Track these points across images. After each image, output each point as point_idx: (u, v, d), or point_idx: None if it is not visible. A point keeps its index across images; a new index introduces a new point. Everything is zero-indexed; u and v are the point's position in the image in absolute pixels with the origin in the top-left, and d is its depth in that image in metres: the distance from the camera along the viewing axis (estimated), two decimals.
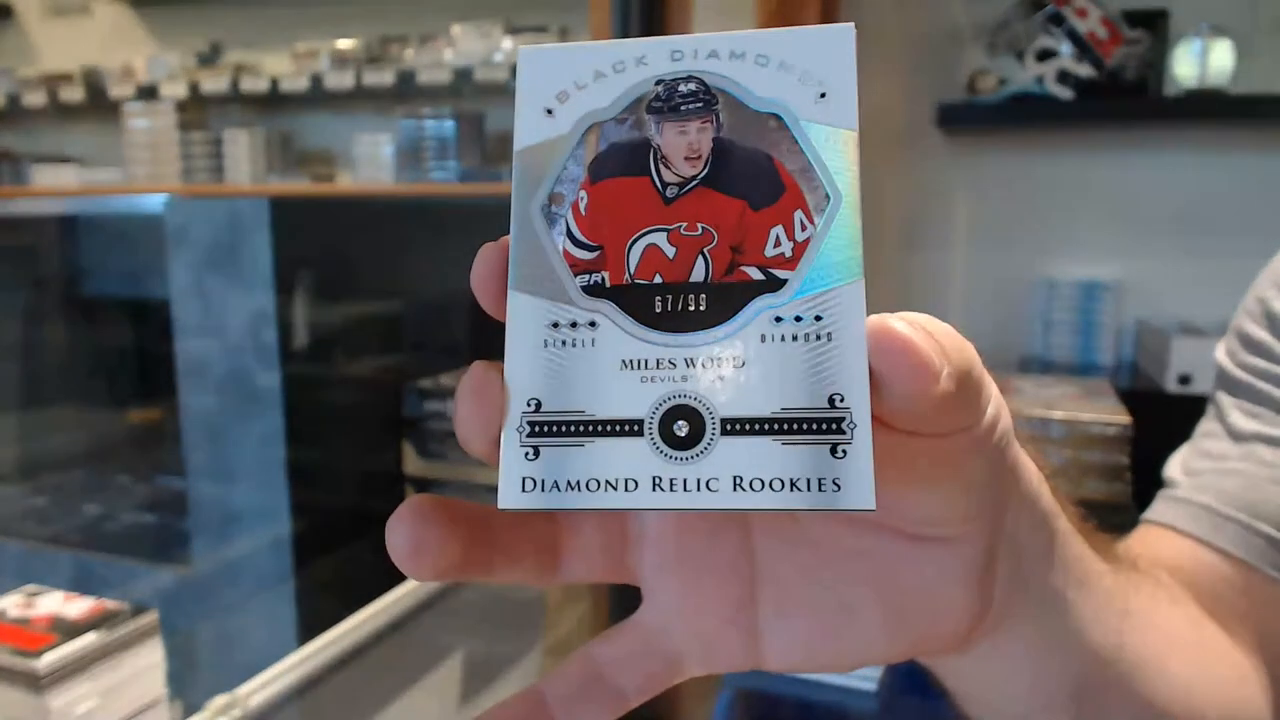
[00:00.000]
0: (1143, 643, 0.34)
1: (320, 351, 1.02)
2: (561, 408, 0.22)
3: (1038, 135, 2.20)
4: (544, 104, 0.24)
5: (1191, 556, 0.45)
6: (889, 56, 2.32)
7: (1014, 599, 0.28)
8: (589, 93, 0.24)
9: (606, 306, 0.22)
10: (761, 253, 0.23)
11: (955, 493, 0.24)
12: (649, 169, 0.23)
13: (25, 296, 1.51)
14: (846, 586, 0.26)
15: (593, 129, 0.23)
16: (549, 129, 0.23)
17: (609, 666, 0.26)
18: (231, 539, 1.00)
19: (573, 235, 0.23)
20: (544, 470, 0.21)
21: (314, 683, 0.76)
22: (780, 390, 0.22)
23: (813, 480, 0.21)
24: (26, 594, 0.66)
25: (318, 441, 1.02)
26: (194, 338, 0.99)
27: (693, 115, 0.23)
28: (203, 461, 1.00)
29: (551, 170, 0.23)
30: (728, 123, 0.23)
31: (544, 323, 0.22)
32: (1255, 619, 0.43)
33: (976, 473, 0.24)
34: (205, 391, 0.99)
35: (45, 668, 0.58)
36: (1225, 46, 1.89)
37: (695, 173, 0.23)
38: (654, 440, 0.21)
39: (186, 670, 0.79)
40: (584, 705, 0.26)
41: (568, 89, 0.24)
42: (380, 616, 0.87)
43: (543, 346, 0.22)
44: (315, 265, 1.00)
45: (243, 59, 3.25)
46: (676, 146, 0.23)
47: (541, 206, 0.23)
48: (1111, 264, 2.16)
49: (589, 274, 0.23)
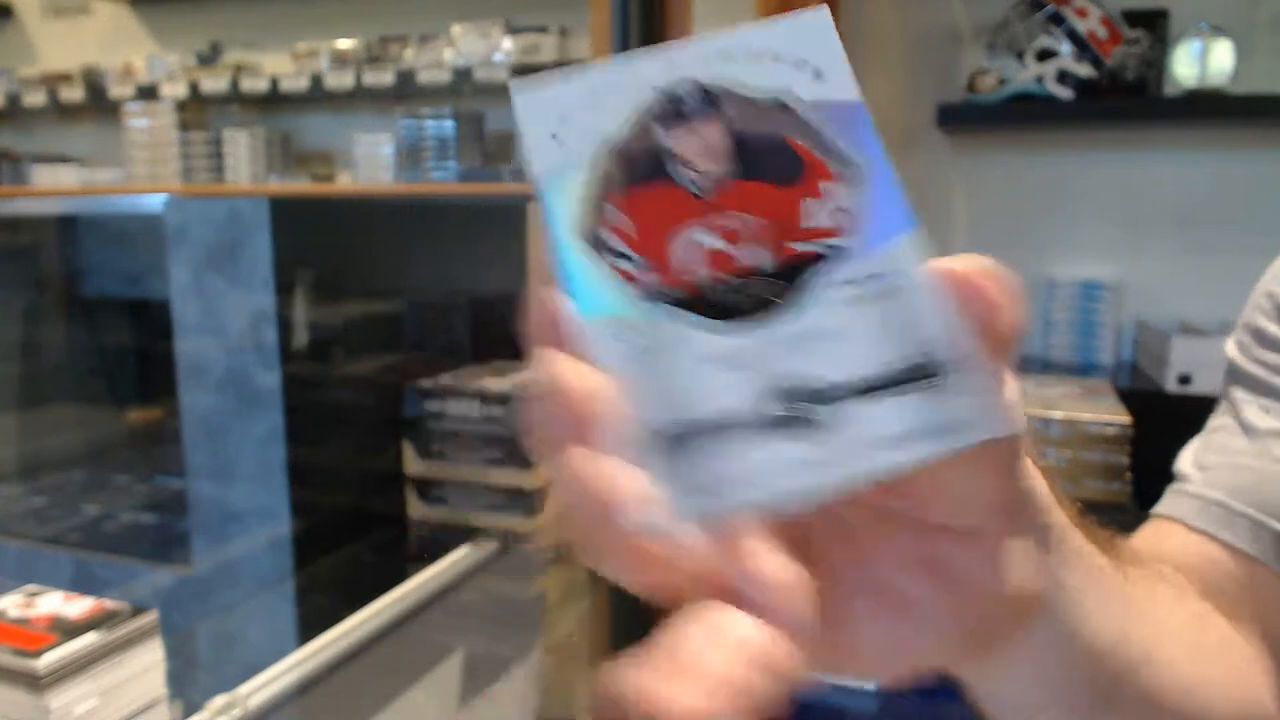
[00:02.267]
0: (1146, 635, 0.34)
1: (320, 351, 1.02)
2: (674, 417, 0.22)
3: (1037, 135, 2.20)
4: (549, 131, 0.24)
5: (1200, 551, 0.45)
6: (889, 56, 2.32)
7: None
8: (591, 114, 0.24)
9: (675, 311, 0.23)
10: (802, 226, 0.23)
11: (983, 487, 0.25)
12: (672, 173, 0.23)
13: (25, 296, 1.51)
14: (917, 588, 0.26)
15: (604, 147, 0.24)
16: (560, 156, 0.24)
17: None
18: (231, 539, 1.00)
19: (620, 252, 0.23)
20: (696, 482, 0.21)
21: (314, 682, 0.77)
22: (875, 350, 0.22)
23: (937, 426, 0.22)
24: (26, 594, 0.66)
25: (318, 441, 1.02)
26: (194, 337, 0.99)
27: (699, 115, 0.24)
28: (203, 461, 1.00)
29: (577, 195, 0.23)
30: (736, 116, 0.24)
31: (624, 341, 0.22)
32: (1262, 614, 0.43)
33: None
34: (205, 391, 0.99)
35: (45, 667, 0.58)
36: (1225, 46, 1.89)
37: (719, 168, 0.24)
38: (773, 427, 0.22)
39: (186, 670, 0.79)
40: None
41: (569, 114, 0.24)
42: (380, 616, 0.87)
43: (631, 362, 0.22)
44: (315, 265, 1.00)
45: (242, 59, 3.25)
46: (692, 147, 0.24)
47: (581, 233, 0.23)
48: (1111, 264, 2.16)
49: (647, 283, 0.23)
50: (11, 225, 1.48)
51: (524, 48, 2.85)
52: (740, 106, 0.24)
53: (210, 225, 0.96)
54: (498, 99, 2.97)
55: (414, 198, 2.71)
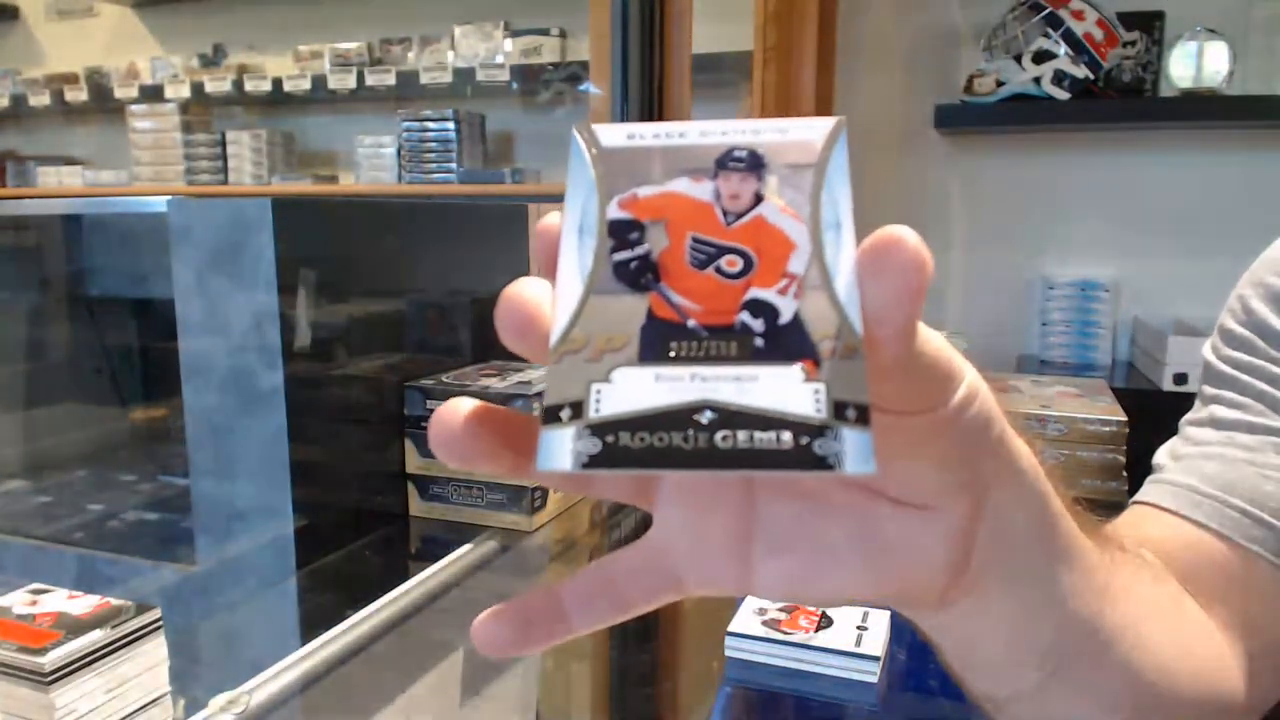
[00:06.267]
0: (1122, 615, 0.37)
1: (323, 350, 1.03)
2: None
3: (1035, 136, 2.21)
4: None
5: (1173, 532, 0.49)
6: (888, 58, 2.33)
7: (995, 567, 0.30)
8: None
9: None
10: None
11: (928, 469, 0.27)
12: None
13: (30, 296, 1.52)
14: (832, 534, 0.29)
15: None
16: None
17: (619, 576, 0.30)
18: (234, 537, 1.01)
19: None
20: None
21: (316, 679, 0.77)
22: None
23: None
24: (31, 591, 0.66)
25: (320, 440, 1.02)
26: (197, 337, 0.99)
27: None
28: (206, 460, 1.01)
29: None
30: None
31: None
32: (1229, 590, 0.46)
33: (948, 451, 0.27)
34: (209, 390, 0.99)
35: (50, 664, 0.58)
36: (1220, 48, 1.89)
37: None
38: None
39: (190, 667, 0.79)
40: (594, 604, 0.30)
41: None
42: (382, 614, 0.88)
43: None
44: (318, 265, 1.01)
45: (246, 60, 3.26)
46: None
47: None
48: (1108, 264, 2.17)
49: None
50: (16, 225, 1.49)
51: (525, 49, 2.85)
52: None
53: (213, 226, 0.97)
54: (499, 100, 2.98)
55: (416, 198, 2.72)
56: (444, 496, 1.12)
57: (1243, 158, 2.05)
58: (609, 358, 0.23)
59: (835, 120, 0.26)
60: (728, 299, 0.24)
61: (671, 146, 0.26)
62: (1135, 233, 2.16)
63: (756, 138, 0.26)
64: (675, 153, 0.26)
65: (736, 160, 0.25)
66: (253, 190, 3.09)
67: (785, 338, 0.23)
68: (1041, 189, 2.23)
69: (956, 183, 2.31)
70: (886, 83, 2.34)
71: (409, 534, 1.13)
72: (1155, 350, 1.87)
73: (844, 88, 2.33)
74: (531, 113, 3.00)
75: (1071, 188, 2.20)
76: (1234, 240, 2.04)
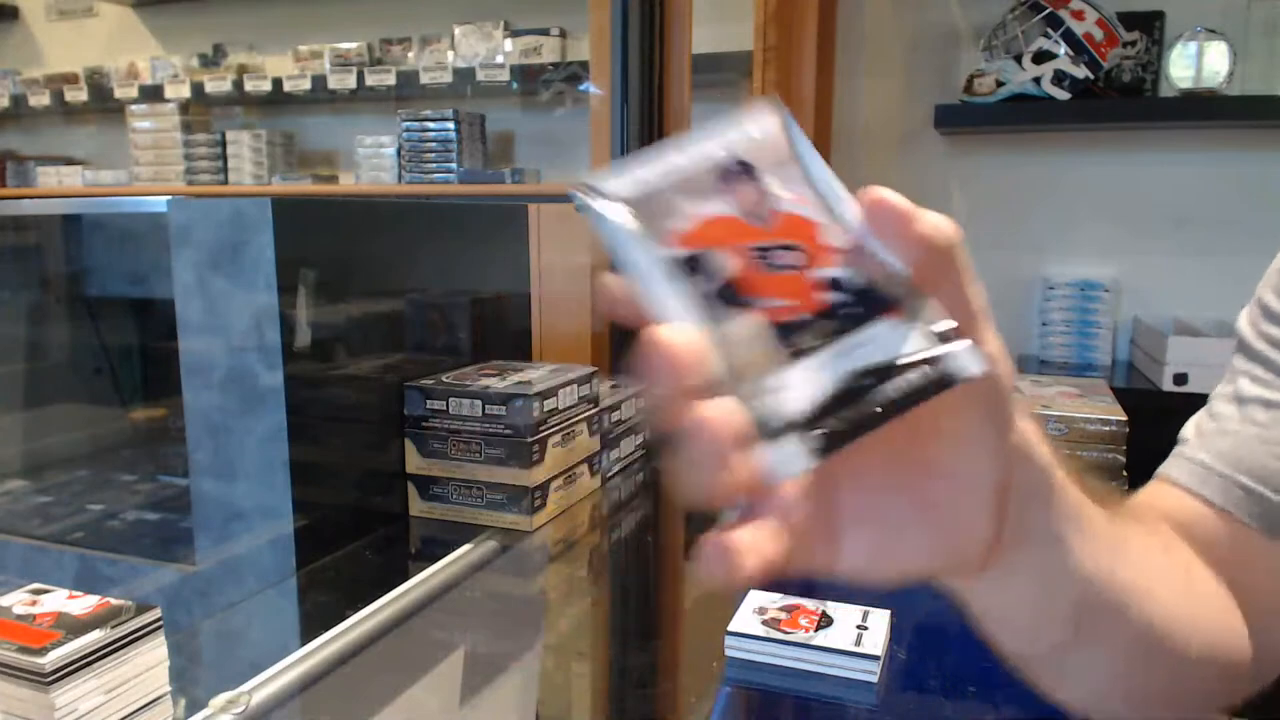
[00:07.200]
0: (1133, 576, 0.40)
1: (323, 350, 1.03)
2: None
3: (1035, 136, 2.21)
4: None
5: (1186, 507, 0.50)
6: (887, 59, 2.33)
7: (1019, 535, 0.34)
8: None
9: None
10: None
11: (972, 429, 0.32)
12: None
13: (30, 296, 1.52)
14: (901, 512, 0.33)
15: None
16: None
17: None
18: (235, 537, 1.01)
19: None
20: None
21: (316, 679, 0.77)
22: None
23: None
24: (31, 592, 0.66)
25: (320, 439, 1.03)
26: (197, 337, 0.99)
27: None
28: (206, 459, 1.01)
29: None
30: None
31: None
32: (1235, 564, 0.48)
33: (984, 416, 0.32)
34: (208, 390, 0.99)
35: (50, 664, 0.58)
36: (1220, 48, 1.89)
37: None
38: None
39: (190, 667, 0.79)
40: None
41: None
42: (382, 614, 0.88)
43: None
44: (318, 265, 1.01)
45: (245, 60, 3.26)
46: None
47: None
48: (1108, 264, 2.17)
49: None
50: (16, 225, 1.49)
51: (525, 49, 2.85)
52: None
53: (213, 225, 0.97)
54: (499, 100, 2.98)
55: (416, 198, 2.72)
56: (444, 496, 1.12)
57: (1243, 158, 2.05)
58: (763, 372, 0.26)
59: (775, 111, 0.30)
60: (805, 287, 0.28)
61: (674, 179, 0.29)
62: (1135, 233, 2.16)
63: (731, 148, 0.29)
64: (680, 183, 0.28)
65: (733, 174, 0.29)
66: (253, 190, 3.09)
67: (866, 299, 0.27)
68: (1041, 189, 2.23)
69: (956, 183, 2.31)
70: (886, 83, 2.34)
71: (409, 534, 1.13)
72: (1155, 350, 1.87)
73: (844, 88, 2.33)
74: (531, 113, 3.00)
75: (1071, 188, 2.20)
76: (1234, 240, 2.04)
